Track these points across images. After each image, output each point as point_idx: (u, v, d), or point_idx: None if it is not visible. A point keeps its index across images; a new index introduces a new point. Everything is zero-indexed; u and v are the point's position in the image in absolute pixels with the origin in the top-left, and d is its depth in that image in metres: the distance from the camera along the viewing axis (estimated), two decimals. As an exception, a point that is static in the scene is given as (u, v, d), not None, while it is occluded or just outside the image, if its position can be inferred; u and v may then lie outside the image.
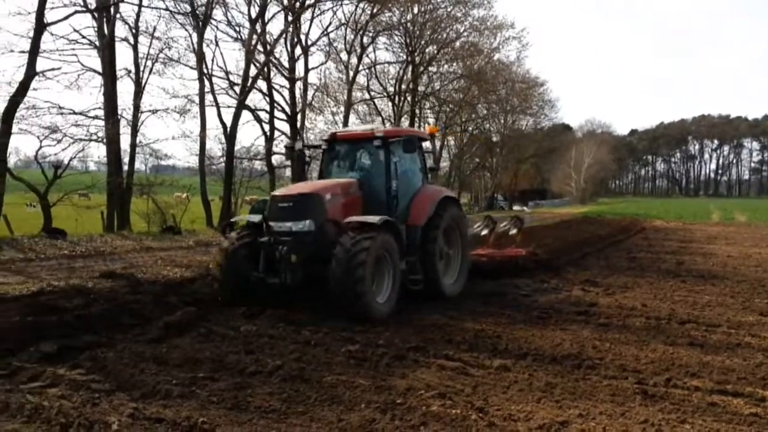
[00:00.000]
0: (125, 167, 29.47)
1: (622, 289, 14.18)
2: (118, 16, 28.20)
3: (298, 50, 36.14)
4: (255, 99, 42.00)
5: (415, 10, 42.03)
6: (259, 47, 32.96)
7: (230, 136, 31.85)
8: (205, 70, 31.59)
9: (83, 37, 27.66)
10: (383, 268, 10.93)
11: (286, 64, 35.90)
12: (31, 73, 21.44)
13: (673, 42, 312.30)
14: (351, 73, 41.01)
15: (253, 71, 32.19)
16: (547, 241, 23.85)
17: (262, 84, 34.79)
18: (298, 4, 33.96)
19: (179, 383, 6.89)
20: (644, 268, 18.16)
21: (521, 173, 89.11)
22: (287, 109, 35.93)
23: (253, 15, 32.32)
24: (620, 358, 8.48)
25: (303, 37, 36.43)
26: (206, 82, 31.72)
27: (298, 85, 36.46)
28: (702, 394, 7.15)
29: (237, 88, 32.58)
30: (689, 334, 9.99)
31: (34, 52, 21.51)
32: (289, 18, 34.12)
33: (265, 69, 33.94)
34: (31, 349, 8.06)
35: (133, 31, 29.93)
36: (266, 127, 36.04)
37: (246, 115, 34.42)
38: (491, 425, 5.98)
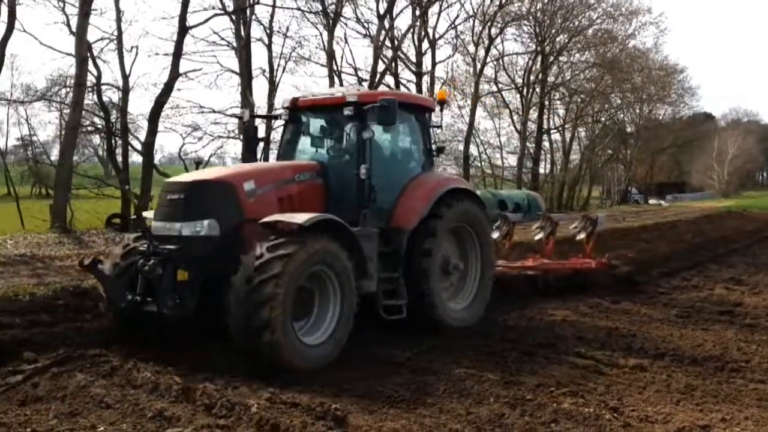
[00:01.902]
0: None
1: (770, 288, 13.31)
2: (253, 17, 29.41)
3: (425, 44, 36.38)
4: (383, 94, 42.61)
5: (545, -1, 41.18)
6: (387, 43, 33.38)
7: (359, 130, 32.42)
8: (335, 68, 32.37)
9: (222, 38, 29.11)
10: (325, 290, 7.69)
11: (414, 59, 36.22)
12: (174, 74, 22.76)
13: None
14: (478, 66, 40.70)
15: (381, 67, 32.64)
16: (686, 237, 22.83)
17: (389, 79, 35.23)
18: (426, -2, 34.12)
19: (314, 371, 7.12)
20: (796, 266, 16.96)
21: (658, 165, 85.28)
22: (415, 103, 36.13)
23: (382, 11, 32.73)
24: (768, 362, 7.98)
25: (430, 31, 36.60)
26: (336, 79, 32.46)
27: (425, 79, 36.64)
28: None
29: (365, 84, 33.14)
30: None
31: (177, 54, 22.82)
32: (417, 12, 34.33)
33: (393, 64, 34.34)
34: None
35: (268, 31, 31.18)
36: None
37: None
38: (626, 426, 5.79)
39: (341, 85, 32.93)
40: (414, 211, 9.07)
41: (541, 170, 51.87)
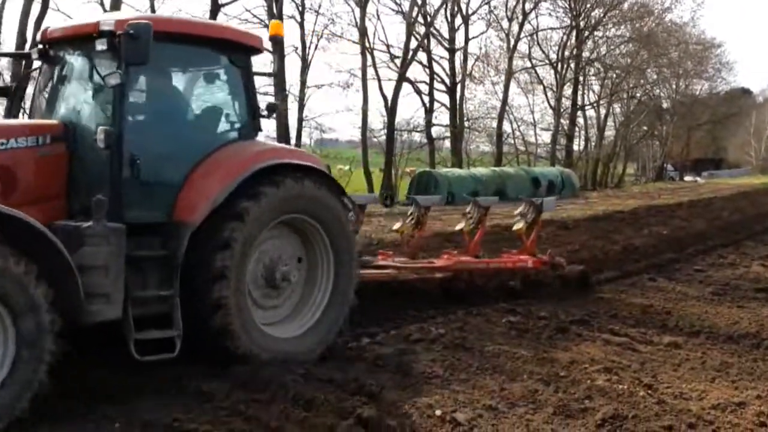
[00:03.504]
0: (293, 141, 30.86)
1: (809, 266, 13.10)
2: (285, -6, 29.38)
3: (458, 20, 36.13)
4: (415, 71, 42.46)
5: (580, -28, 40.57)
6: (420, 19, 33.17)
7: (391, 108, 32.40)
8: (367, 45, 32.26)
9: (254, 16, 29.21)
10: None
11: (446, 35, 35.92)
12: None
13: None
14: (512, 41, 40.31)
15: (413, 43, 32.48)
16: (723, 214, 22.52)
17: (422, 56, 35.10)
18: (458, -27, 33.83)
19: (346, 348, 7.19)
20: (836, 243, 16.64)
21: (694, 141, 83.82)
22: (447, 80, 35.97)
23: (414, -14, 32.51)
24: (805, 339, 7.88)
25: (463, 6, 36.37)
26: (368, 56, 32.40)
27: (458, 55, 36.40)
28: None
29: (398, 61, 33.02)
30: None
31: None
32: (450, -13, 34.05)
33: (426, 40, 34.16)
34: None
35: (300, 8, 31.19)
36: (426, 99, 36.34)
37: (406, 87, 34.85)
38: (661, 402, 5.78)
39: (374, 65, 32.79)
40: (202, 196, 6.03)
41: (576, 147, 51.37)
